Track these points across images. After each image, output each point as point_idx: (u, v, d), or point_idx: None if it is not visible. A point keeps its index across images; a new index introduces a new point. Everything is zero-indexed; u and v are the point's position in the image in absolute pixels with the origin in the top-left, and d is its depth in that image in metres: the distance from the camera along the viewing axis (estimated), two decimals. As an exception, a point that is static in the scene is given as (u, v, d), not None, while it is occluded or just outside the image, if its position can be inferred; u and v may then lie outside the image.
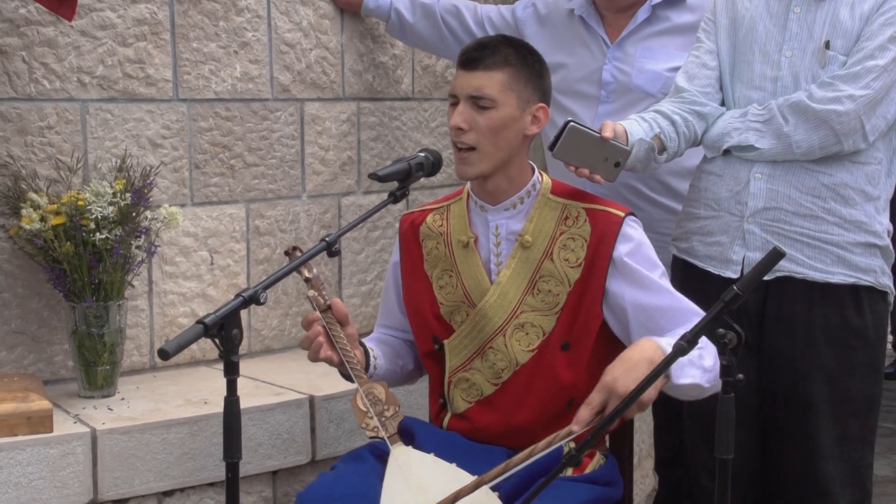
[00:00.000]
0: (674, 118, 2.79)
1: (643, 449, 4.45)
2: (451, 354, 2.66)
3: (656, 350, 2.35)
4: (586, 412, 2.30)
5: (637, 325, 2.54)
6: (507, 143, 2.57)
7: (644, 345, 2.38)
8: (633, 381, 2.25)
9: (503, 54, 2.56)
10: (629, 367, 2.31)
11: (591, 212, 2.59)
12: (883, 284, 2.75)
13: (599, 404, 2.30)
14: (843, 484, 2.75)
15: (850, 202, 2.70)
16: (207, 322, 2.22)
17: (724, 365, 2.14)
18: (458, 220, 2.70)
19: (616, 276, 2.55)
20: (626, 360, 2.34)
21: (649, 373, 2.16)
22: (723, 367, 2.14)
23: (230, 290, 3.35)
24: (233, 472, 2.30)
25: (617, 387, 2.29)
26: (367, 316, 3.71)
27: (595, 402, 2.31)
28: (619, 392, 2.28)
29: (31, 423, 2.62)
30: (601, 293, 2.55)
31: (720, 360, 2.15)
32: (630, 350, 2.37)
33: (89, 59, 3.06)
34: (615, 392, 2.29)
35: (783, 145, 2.70)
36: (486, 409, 2.62)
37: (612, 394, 2.29)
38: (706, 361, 2.41)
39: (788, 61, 2.73)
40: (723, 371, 2.14)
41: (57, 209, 2.85)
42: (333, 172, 3.61)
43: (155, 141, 3.19)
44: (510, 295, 2.60)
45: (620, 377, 2.30)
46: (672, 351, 2.11)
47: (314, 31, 3.52)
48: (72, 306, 2.89)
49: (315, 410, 3.02)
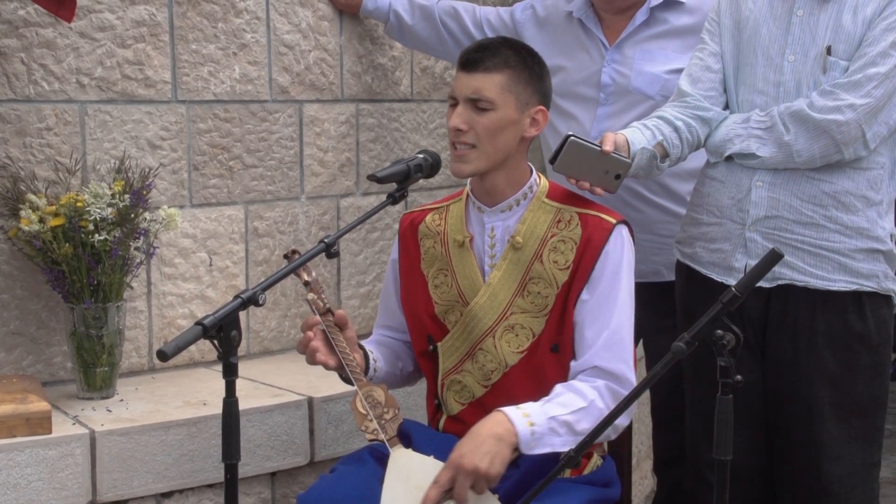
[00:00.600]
0: (677, 124, 2.79)
1: (642, 450, 4.45)
2: (444, 357, 2.67)
3: (505, 424, 2.40)
4: (434, 491, 2.36)
5: (577, 331, 2.56)
6: (505, 145, 2.57)
7: (494, 418, 2.43)
8: (480, 457, 2.34)
9: (503, 56, 2.57)
10: (477, 443, 2.38)
11: (584, 216, 2.60)
12: (886, 289, 2.75)
13: (447, 482, 2.37)
14: (850, 484, 2.74)
15: (851, 209, 2.70)
16: (206, 323, 2.22)
17: (723, 366, 2.15)
18: (456, 220, 2.71)
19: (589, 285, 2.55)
20: (473, 437, 2.40)
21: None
22: (721, 368, 2.15)
23: (229, 291, 3.35)
24: (231, 473, 2.31)
25: (463, 463, 2.36)
26: (365, 317, 3.71)
27: (442, 479, 2.38)
28: (465, 468, 2.35)
29: (30, 425, 2.62)
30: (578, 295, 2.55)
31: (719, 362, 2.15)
32: (479, 424, 2.42)
33: (88, 60, 3.06)
34: (462, 468, 2.35)
35: (784, 154, 2.70)
36: (478, 411, 2.61)
37: (459, 470, 2.36)
38: (579, 425, 2.44)
39: (791, 66, 2.73)
40: (721, 372, 2.15)
41: (56, 210, 2.85)
42: (332, 174, 3.61)
43: (154, 142, 3.19)
44: (500, 296, 2.60)
45: (466, 454, 2.36)
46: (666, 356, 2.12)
47: (313, 33, 3.52)
48: (70, 308, 2.89)
49: (314, 412, 3.02)
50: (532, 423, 2.40)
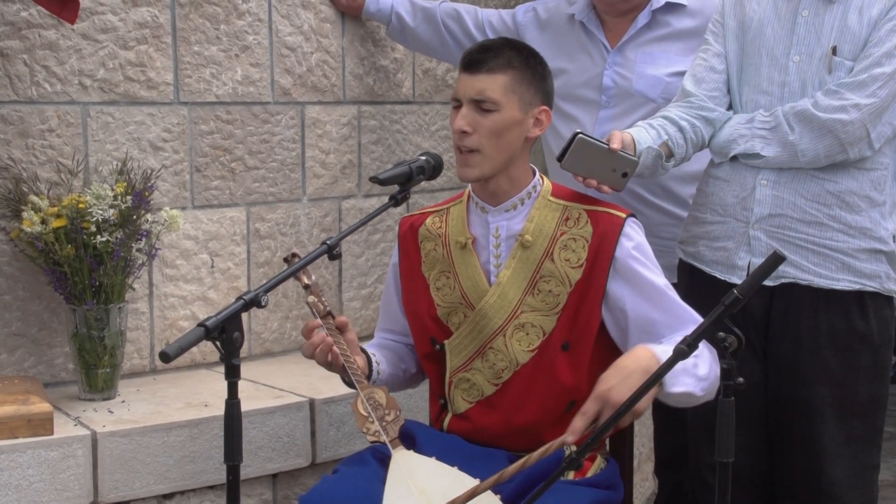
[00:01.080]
0: (681, 124, 2.79)
1: (643, 452, 4.45)
2: (452, 354, 2.66)
3: (651, 358, 2.35)
4: (581, 422, 2.30)
5: (636, 330, 2.54)
6: (509, 146, 2.58)
7: (639, 353, 2.38)
8: (628, 391, 2.26)
9: (506, 57, 2.57)
10: (624, 376, 2.32)
11: (593, 213, 2.60)
12: (888, 290, 2.75)
13: (594, 414, 2.31)
14: (850, 486, 2.75)
15: (855, 209, 2.70)
16: (208, 325, 2.22)
17: (725, 368, 2.14)
18: (457, 222, 2.71)
19: (617, 278, 2.55)
20: (620, 369, 2.34)
21: (645, 380, 2.16)
22: (723, 370, 2.14)
23: (231, 293, 3.35)
24: (233, 475, 2.30)
25: (611, 396, 2.30)
26: (367, 319, 3.71)
27: (590, 411, 2.32)
28: (613, 402, 2.29)
29: (32, 426, 2.62)
30: (602, 294, 2.55)
31: (720, 364, 2.15)
32: (625, 358, 2.38)
33: (90, 62, 3.06)
34: (609, 401, 2.30)
35: (789, 153, 2.70)
36: (486, 410, 2.62)
37: (607, 403, 2.30)
38: (700, 370, 2.42)
39: (796, 66, 2.73)
40: (723, 374, 2.15)
41: (58, 212, 2.85)
42: (334, 176, 3.61)
43: (156, 144, 3.20)
44: (510, 295, 2.60)
45: (615, 387, 2.30)
46: (670, 357, 2.11)
47: (315, 35, 3.53)
48: (72, 309, 2.90)
49: (315, 413, 3.02)
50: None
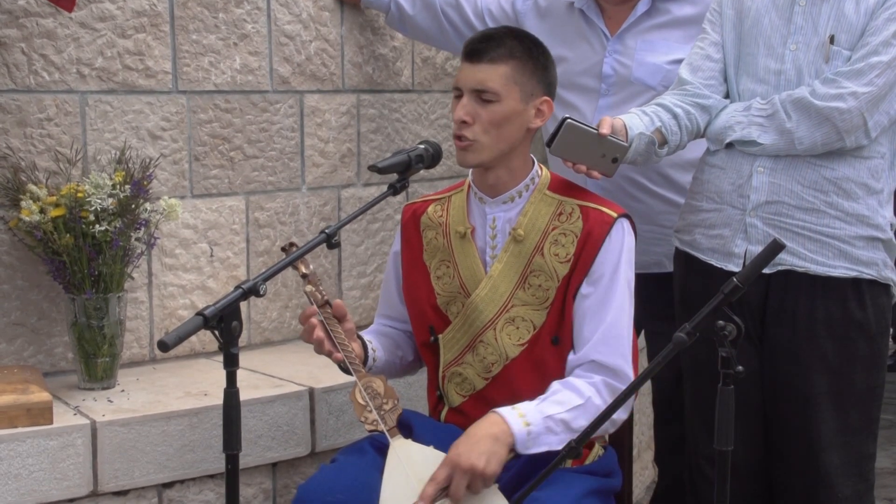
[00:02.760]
0: (676, 111, 2.79)
1: (642, 441, 4.45)
2: (445, 349, 2.67)
3: (500, 424, 2.40)
4: (431, 488, 2.36)
5: (576, 323, 2.55)
6: (509, 137, 2.57)
7: (490, 419, 2.43)
8: (476, 456, 2.34)
9: (508, 47, 2.56)
10: (473, 442, 2.38)
11: (585, 209, 2.59)
12: (885, 277, 2.75)
13: (444, 479, 2.37)
14: (846, 474, 2.75)
15: (852, 196, 2.70)
16: (207, 314, 2.22)
17: (724, 357, 2.14)
18: (458, 211, 2.70)
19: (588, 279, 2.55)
20: (470, 436, 2.40)
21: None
22: (722, 359, 2.15)
23: (230, 282, 3.35)
24: (232, 464, 2.31)
25: (460, 462, 2.35)
26: (367, 308, 3.71)
27: (440, 477, 2.37)
28: (462, 467, 2.35)
29: (31, 415, 2.63)
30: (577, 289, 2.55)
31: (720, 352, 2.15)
32: (475, 425, 2.43)
33: (88, 50, 3.06)
34: (459, 467, 2.35)
35: (785, 141, 2.69)
36: (479, 404, 2.62)
37: (456, 469, 2.36)
38: (575, 423, 2.44)
39: (793, 55, 2.72)
40: (722, 363, 2.15)
41: (56, 201, 2.85)
42: (333, 164, 3.61)
43: (154, 133, 3.19)
44: (501, 288, 2.60)
45: (463, 453, 2.36)
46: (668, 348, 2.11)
47: (314, 23, 3.52)
48: (71, 298, 2.89)
49: (315, 402, 3.02)
50: (528, 423, 2.40)
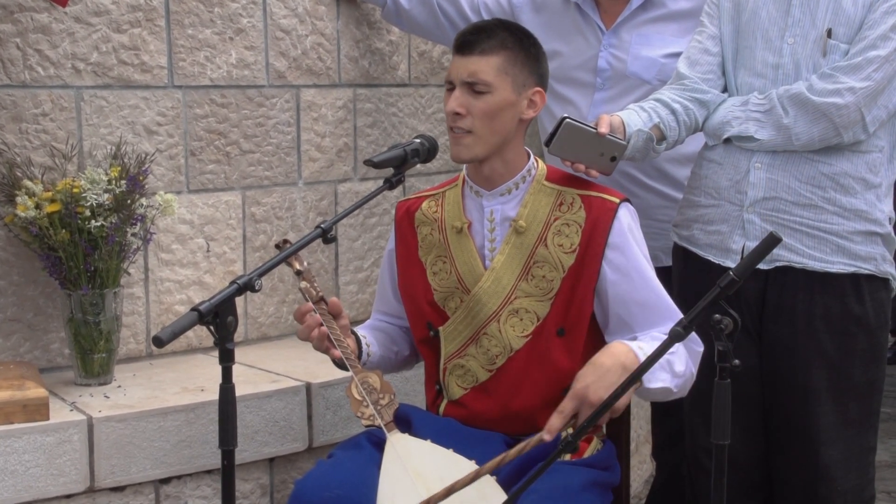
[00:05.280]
0: (674, 107, 2.78)
1: (640, 435, 4.45)
2: (446, 341, 2.66)
3: (628, 354, 2.36)
4: (558, 420, 2.31)
5: (614, 315, 2.56)
6: (502, 128, 2.57)
7: (616, 349, 2.39)
8: (605, 389, 2.27)
9: (499, 38, 2.56)
10: (601, 373, 2.32)
11: (586, 198, 2.59)
12: (884, 272, 2.75)
13: (571, 411, 2.32)
14: (846, 468, 2.75)
15: (849, 191, 2.69)
16: (202, 309, 2.22)
17: (721, 350, 2.14)
18: (453, 206, 2.70)
19: (608, 264, 2.55)
20: (597, 367, 2.34)
21: (626, 378, 2.15)
22: (719, 352, 2.14)
23: (227, 277, 3.34)
24: (228, 459, 2.30)
25: (588, 394, 2.31)
26: (363, 303, 3.70)
27: (567, 409, 2.32)
28: (591, 400, 2.30)
29: (28, 411, 2.62)
30: (595, 279, 2.55)
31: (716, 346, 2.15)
32: (601, 355, 2.38)
33: (84, 45, 3.05)
34: (587, 400, 2.31)
35: (783, 137, 2.69)
36: (481, 396, 2.62)
37: (584, 402, 2.31)
38: (677, 366, 2.43)
39: (790, 48, 2.72)
40: (719, 357, 2.14)
41: (52, 196, 2.84)
42: (330, 159, 3.60)
43: (150, 128, 3.18)
44: (504, 280, 2.60)
45: (592, 385, 2.31)
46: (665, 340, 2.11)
47: (310, 17, 3.51)
48: (67, 294, 2.89)
49: (312, 397, 3.02)
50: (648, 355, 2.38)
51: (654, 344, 2.42)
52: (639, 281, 2.54)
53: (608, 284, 2.54)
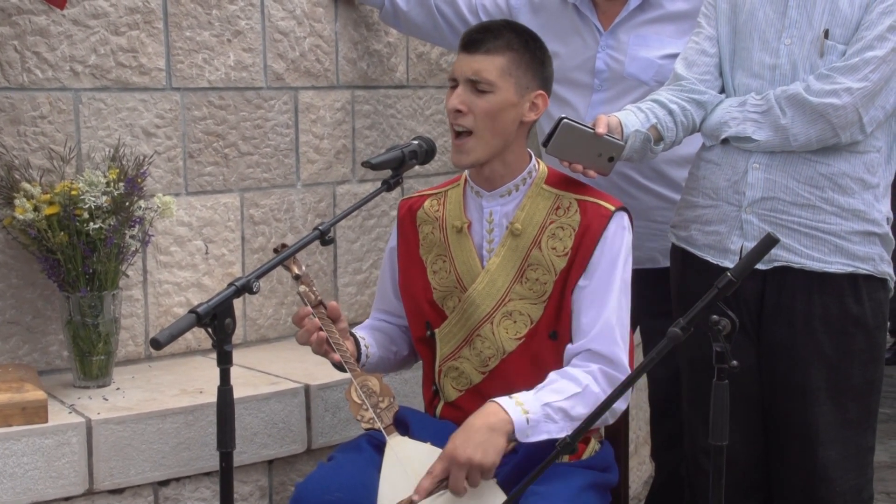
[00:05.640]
0: (671, 107, 2.78)
1: (639, 436, 4.45)
2: (442, 343, 2.66)
3: (498, 414, 2.40)
4: (427, 482, 2.37)
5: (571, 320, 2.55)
6: (503, 129, 2.57)
7: (488, 409, 2.42)
8: (473, 448, 2.34)
9: (505, 39, 2.56)
10: (469, 434, 2.37)
11: (583, 203, 2.59)
12: (882, 272, 2.75)
13: (441, 473, 2.37)
14: (844, 468, 2.75)
15: (847, 191, 2.69)
16: (200, 311, 2.22)
17: (719, 352, 2.14)
18: (454, 206, 2.70)
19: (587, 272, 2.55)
20: (467, 428, 2.40)
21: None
22: (717, 353, 2.14)
23: (225, 279, 3.34)
24: (226, 461, 2.30)
25: (457, 455, 2.35)
26: (362, 305, 3.70)
27: (436, 470, 2.38)
28: (459, 460, 2.35)
29: (26, 414, 2.62)
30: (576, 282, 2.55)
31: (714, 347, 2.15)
32: (473, 416, 2.42)
33: (82, 48, 3.05)
34: (455, 460, 2.35)
35: (780, 137, 2.69)
36: (475, 398, 2.61)
37: (453, 462, 2.36)
38: (575, 410, 2.44)
39: (787, 49, 2.72)
40: (717, 358, 2.14)
41: (50, 199, 2.84)
42: (328, 161, 3.60)
43: (148, 130, 3.18)
44: (499, 282, 2.60)
45: (459, 446, 2.36)
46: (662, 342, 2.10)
47: (308, 19, 3.51)
48: (66, 296, 2.89)
49: (311, 399, 3.02)
50: (526, 410, 2.40)
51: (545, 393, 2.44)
52: (598, 296, 2.53)
53: (578, 289, 2.55)
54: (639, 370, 2.17)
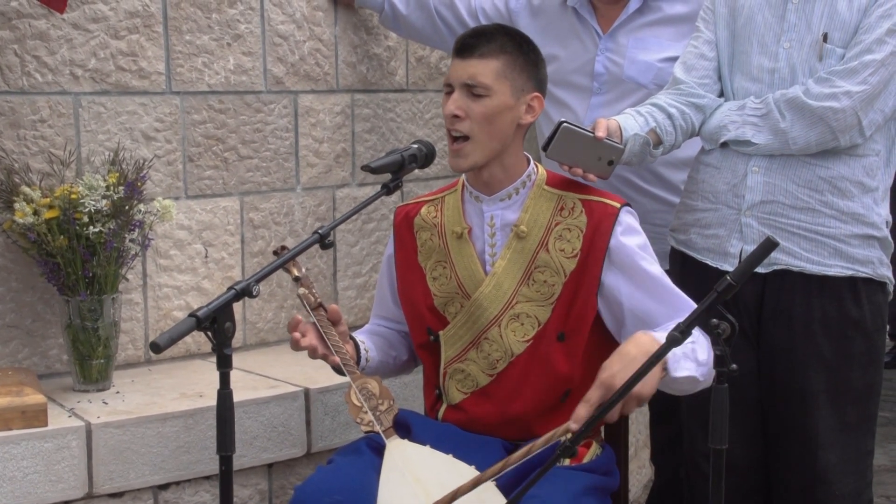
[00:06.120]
0: (670, 111, 2.79)
1: (639, 440, 4.45)
2: (447, 345, 2.66)
3: (653, 343, 2.33)
4: (584, 409, 2.27)
5: (632, 320, 2.54)
6: (500, 132, 2.57)
7: (640, 339, 2.36)
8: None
9: (499, 43, 2.56)
10: (626, 361, 2.29)
11: (587, 202, 2.59)
12: (881, 275, 2.75)
13: (598, 400, 2.28)
14: (844, 472, 2.75)
15: (847, 194, 2.70)
16: (200, 315, 2.22)
17: (718, 355, 2.14)
18: (453, 212, 2.70)
19: (612, 268, 2.55)
20: (623, 355, 2.32)
21: (644, 364, 2.15)
22: (716, 357, 2.14)
23: (225, 283, 3.34)
24: (226, 465, 2.30)
25: (615, 383, 2.27)
26: (362, 308, 3.70)
27: (593, 399, 2.28)
28: (617, 388, 2.26)
29: (26, 418, 2.62)
30: (597, 284, 2.55)
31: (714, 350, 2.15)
32: (627, 344, 2.36)
33: (81, 52, 3.05)
34: (613, 388, 2.27)
35: (780, 141, 2.69)
36: (481, 400, 2.62)
37: (610, 390, 2.27)
38: (700, 355, 2.42)
39: (786, 53, 2.72)
40: (717, 361, 2.14)
41: (50, 203, 2.84)
42: (328, 165, 3.60)
43: (148, 134, 3.19)
44: (505, 285, 2.60)
45: (618, 373, 2.28)
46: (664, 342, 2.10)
47: (307, 23, 3.51)
48: (66, 300, 2.89)
49: (310, 403, 3.02)
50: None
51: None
52: (648, 282, 2.54)
53: (620, 289, 2.54)
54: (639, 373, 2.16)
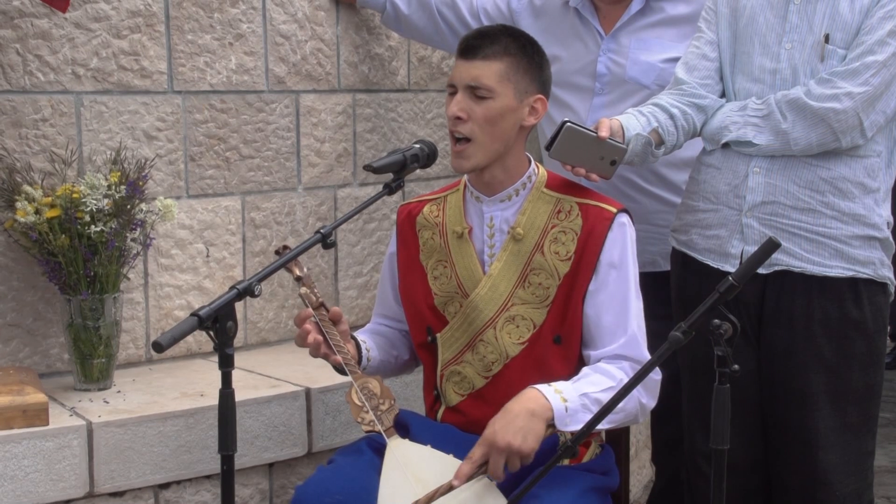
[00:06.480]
0: (672, 111, 2.79)
1: (640, 440, 4.45)
2: (444, 348, 2.66)
3: (538, 400, 2.38)
4: (467, 467, 2.35)
5: (586, 326, 2.56)
6: (503, 134, 2.57)
7: (527, 394, 2.41)
8: (513, 434, 2.32)
9: (503, 44, 2.56)
10: (509, 419, 2.36)
11: (584, 206, 2.59)
12: (882, 276, 2.75)
13: (480, 457, 2.36)
14: (844, 473, 2.75)
15: (848, 195, 2.70)
16: (201, 314, 2.22)
17: (720, 356, 2.14)
18: (454, 211, 2.70)
19: (596, 275, 2.55)
20: (506, 412, 2.38)
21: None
22: (718, 357, 2.15)
23: (226, 282, 3.34)
24: (227, 464, 2.30)
25: (496, 440, 2.34)
26: (363, 308, 3.70)
27: (476, 455, 2.36)
28: (498, 445, 2.33)
29: (27, 417, 2.62)
30: (584, 291, 2.55)
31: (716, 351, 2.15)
32: (512, 401, 2.40)
33: (83, 51, 3.05)
34: (495, 445, 2.34)
35: (781, 142, 2.69)
36: (478, 403, 2.62)
37: (492, 447, 2.34)
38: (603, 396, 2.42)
39: (788, 53, 2.72)
40: (718, 362, 2.15)
41: (52, 202, 2.84)
42: (329, 164, 3.60)
43: (150, 133, 3.19)
44: (501, 287, 2.60)
45: (499, 430, 2.34)
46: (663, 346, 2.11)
47: (309, 23, 3.51)
48: (67, 299, 2.89)
49: (311, 403, 3.02)
50: (565, 398, 2.40)
51: (582, 384, 2.44)
52: (617, 298, 2.54)
53: (592, 296, 2.55)
54: (639, 374, 2.17)
